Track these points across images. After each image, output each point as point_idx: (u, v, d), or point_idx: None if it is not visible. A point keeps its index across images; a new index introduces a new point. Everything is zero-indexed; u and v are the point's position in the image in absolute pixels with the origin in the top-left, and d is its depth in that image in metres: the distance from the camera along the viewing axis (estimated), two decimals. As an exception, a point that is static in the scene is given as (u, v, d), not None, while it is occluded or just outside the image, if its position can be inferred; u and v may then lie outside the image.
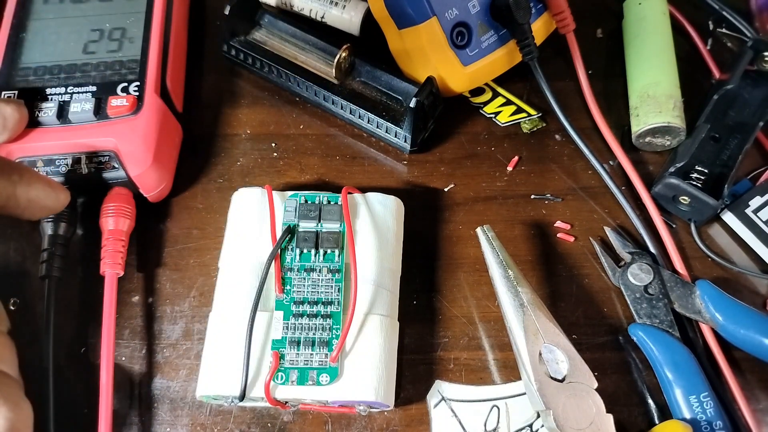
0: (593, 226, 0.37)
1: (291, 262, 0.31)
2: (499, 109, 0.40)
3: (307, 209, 0.31)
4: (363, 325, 0.29)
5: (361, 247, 0.31)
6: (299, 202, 0.32)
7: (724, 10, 0.43)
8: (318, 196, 0.32)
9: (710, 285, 0.33)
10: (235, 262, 0.31)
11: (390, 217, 0.32)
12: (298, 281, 0.30)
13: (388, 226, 0.32)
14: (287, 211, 0.31)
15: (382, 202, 0.33)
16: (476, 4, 0.36)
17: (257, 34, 0.40)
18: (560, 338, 0.30)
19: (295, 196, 0.32)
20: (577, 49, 0.41)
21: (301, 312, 0.29)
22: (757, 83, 0.39)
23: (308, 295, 0.30)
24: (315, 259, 0.31)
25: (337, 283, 0.30)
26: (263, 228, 0.31)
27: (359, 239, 0.31)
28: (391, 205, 0.33)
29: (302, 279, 0.30)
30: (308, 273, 0.30)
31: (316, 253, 0.31)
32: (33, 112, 0.34)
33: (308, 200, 0.32)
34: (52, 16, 0.38)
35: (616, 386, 0.32)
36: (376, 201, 0.33)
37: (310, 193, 0.32)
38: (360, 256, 0.30)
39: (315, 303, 0.30)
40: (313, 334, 0.29)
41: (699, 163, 0.37)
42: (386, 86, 0.38)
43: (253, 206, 0.32)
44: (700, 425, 0.30)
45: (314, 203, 0.32)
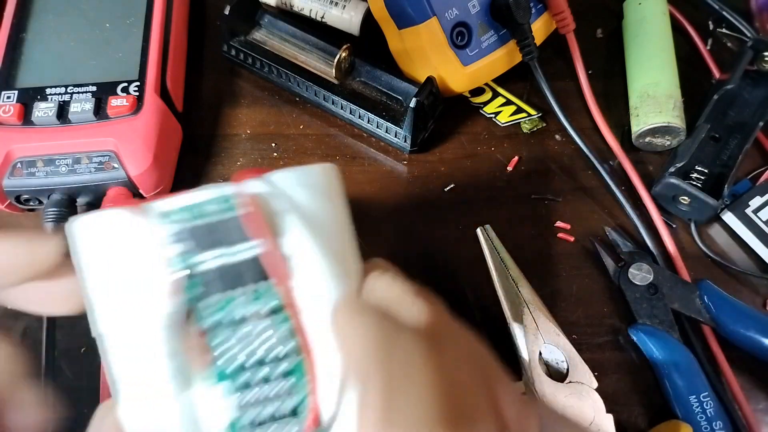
0: (593, 226, 0.37)
1: (206, 317, 0.20)
2: (499, 109, 0.40)
3: (200, 232, 0.20)
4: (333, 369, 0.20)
5: (299, 265, 0.20)
6: (185, 224, 0.20)
7: (724, 10, 0.43)
8: (202, 207, 0.20)
9: (710, 285, 0.33)
10: (126, 323, 0.20)
11: (322, 199, 0.21)
12: (225, 342, 0.20)
13: (327, 214, 0.21)
14: (173, 244, 0.20)
15: (304, 180, 0.21)
16: (476, 4, 0.36)
17: (257, 34, 0.40)
18: (560, 338, 0.30)
19: (170, 217, 0.20)
20: (577, 49, 0.41)
21: (246, 381, 0.20)
22: (757, 83, 0.39)
23: (247, 356, 0.20)
24: (240, 305, 0.20)
25: (280, 326, 0.20)
26: (144, 273, 0.20)
27: (289, 255, 0.20)
28: (318, 181, 0.22)
29: (230, 337, 0.20)
30: (235, 327, 0.20)
31: (233, 296, 0.20)
32: (33, 112, 0.34)
33: (193, 217, 0.20)
34: (52, 16, 0.38)
35: (616, 386, 0.32)
36: (295, 183, 0.21)
37: (186, 203, 0.20)
38: (298, 275, 0.20)
39: (260, 363, 0.20)
40: (271, 405, 0.20)
41: (699, 163, 0.37)
42: (386, 86, 0.38)
43: (116, 242, 0.20)
44: (700, 425, 0.30)
45: (203, 222, 0.20)
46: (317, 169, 0.22)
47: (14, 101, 0.34)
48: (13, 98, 0.34)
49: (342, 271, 0.21)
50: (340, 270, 0.21)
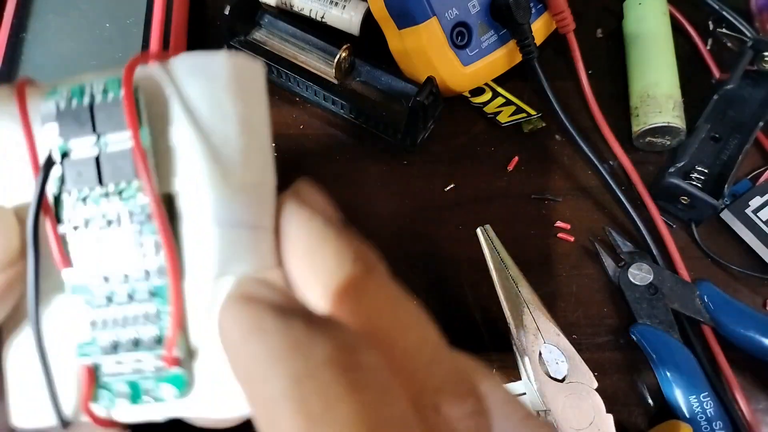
0: (593, 226, 0.37)
1: (73, 213, 0.17)
2: (499, 109, 0.40)
3: (73, 116, 0.17)
4: (212, 297, 0.17)
5: (181, 165, 0.17)
6: (59, 105, 0.17)
7: (724, 10, 0.43)
8: (90, 85, 0.17)
9: (710, 285, 0.33)
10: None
11: (222, 93, 0.18)
12: (90, 245, 0.17)
13: (223, 113, 0.18)
14: (46, 126, 0.18)
15: (201, 69, 0.18)
16: (476, 4, 0.36)
17: (257, 34, 0.40)
18: (560, 338, 0.30)
19: (53, 95, 0.18)
20: (577, 49, 0.41)
21: (108, 294, 0.18)
22: (757, 83, 0.39)
23: (112, 265, 0.17)
24: (107, 203, 0.17)
25: (152, 235, 0.17)
26: (20, 160, 0.18)
27: (174, 150, 0.17)
28: (218, 71, 0.18)
29: (96, 239, 0.17)
30: (102, 228, 0.17)
31: (105, 192, 0.17)
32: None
33: (73, 96, 0.17)
34: (53, 16, 0.38)
35: (616, 386, 0.32)
36: (190, 71, 0.18)
37: (77, 83, 0.18)
38: (180, 180, 0.17)
39: (126, 276, 0.17)
40: (134, 327, 0.18)
41: (699, 163, 0.37)
42: (386, 86, 0.38)
43: (6, 121, 0.18)
44: (700, 425, 0.30)
45: (81, 103, 0.17)
46: (221, 58, 0.18)
47: (14, 101, 0.34)
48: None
49: (232, 183, 0.18)
50: (229, 182, 0.17)
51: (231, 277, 0.17)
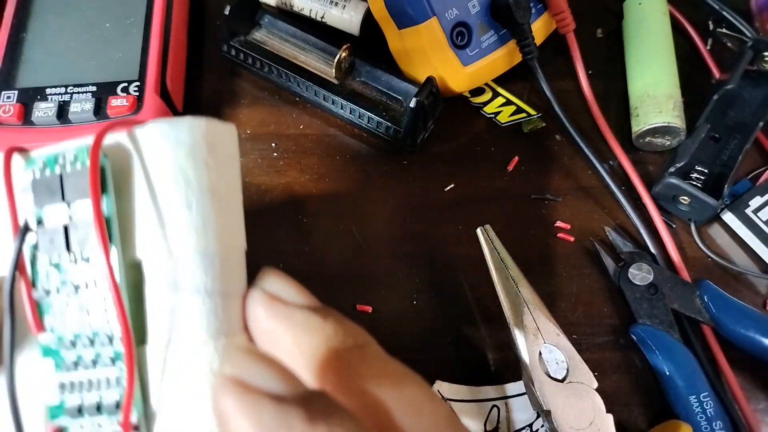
0: (593, 226, 0.37)
1: (47, 278, 0.18)
2: (499, 109, 0.40)
3: (45, 185, 0.18)
4: (170, 364, 0.18)
5: (144, 232, 0.18)
6: (35, 174, 0.18)
7: (724, 10, 0.43)
8: (62, 155, 0.18)
9: (710, 285, 0.33)
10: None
11: (186, 159, 0.18)
12: (61, 309, 0.18)
13: (187, 179, 0.18)
14: (24, 194, 0.19)
15: (167, 136, 0.18)
16: (476, 4, 0.36)
17: (257, 34, 0.40)
18: (560, 338, 0.30)
19: (31, 165, 0.19)
20: (577, 49, 0.41)
21: (75, 359, 0.18)
22: (757, 83, 0.39)
23: (79, 329, 0.18)
24: (75, 269, 0.18)
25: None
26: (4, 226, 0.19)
27: (138, 218, 0.18)
28: (183, 137, 0.18)
29: (65, 304, 0.18)
30: (70, 294, 0.18)
31: (74, 258, 0.18)
32: (33, 112, 0.34)
33: (47, 166, 0.18)
34: (52, 15, 0.38)
35: (616, 386, 0.32)
36: (156, 139, 0.18)
37: (52, 153, 0.19)
38: (144, 248, 0.18)
39: (92, 341, 0.18)
40: (97, 392, 0.18)
41: (699, 163, 0.37)
42: (386, 86, 0.38)
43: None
44: (700, 425, 0.30)
45: (53, 172, 0.18)
46: (185, 123, 0.18)
47: (14, 101, 0.34)
48: (13, 98, 0.34)
49: (192, 251, 0.18)
50: (189, 250, 0.18)
51: (191, 344, 0.17)
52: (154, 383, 0.18)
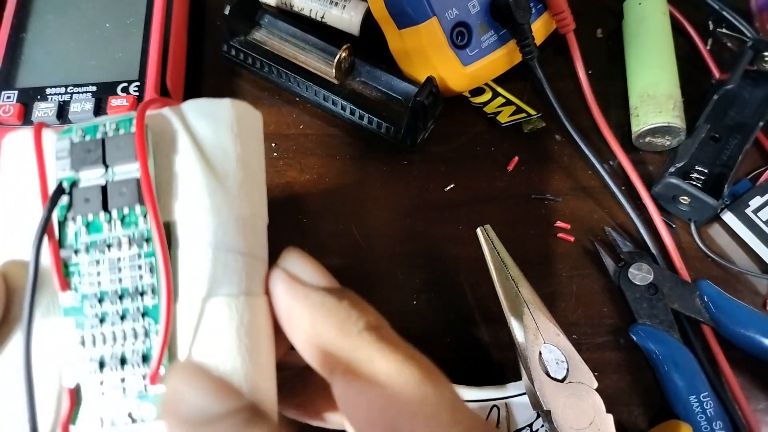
0: (593, 226, 0.37)
1: (75, 239, 0.19)
2: (499, 109, 0.40)
3: (85, 150, 0.19)
4: (201, 317, 0.19)
5: (182, 194, 0.19)
6: (73, 140, 0.20)
7: (724, 10, 0.43)
8: (102, 125, 0.20)
9: (710, 285, 0.33)
10: (7, 231, 0.20)
11: (225, 133, 0.20)
12: (88, 267, 0.19)
13: (225, 150, 0.20)
14: (60, 159, 0.20)
15: (208, 112, 0.20)
16: (476, 4, 0.36)
17: (257, 34, 0.40)
18: (560, 338, 0.30)
19: (68, 133, 0.20)
20: (577, 49, 0.41)
21: (100, 315, 0.19)
22: (757, 83, 0.39)
23: (108, 287, 0.19)
24: (109, 228, 0.19)
25: (148, 258, 0.19)
26: (32, 190, 0.20)
27: (176, 181, 0.19)
28: (223, 114, 0.20)
29: (95, 263, 0.19)
30: (102, 251, 0.19)
31: (108, 217, 0.19)
32: (33, 112, 0.34)
33: (86, 134, 0.20)
34: (52, 16, 0.38)
35: (616, 386, 0.32)
36: (197, 113, 0.20)
37: (91, 123, 0.20)
38: (180, 208, 0.19)
39: (120, 297, 0.19)
40: (122, 345, 0.18)
41: (699, 163, 0.37)
42: (386, 86, 0.38)
43: (25, 158, 0.20)
44: (700, 425, 0.30)
45: (94, 138, 0.20)
46: (224, 103, 0.20)
47: (14, 101, 0.34)
48: (13, 98, 0.34)
49: (229, 212, 0.19)
50: (226, 211, 0.19)
51: (218, 299, 0.19)
52: (182, 338, 0.18)
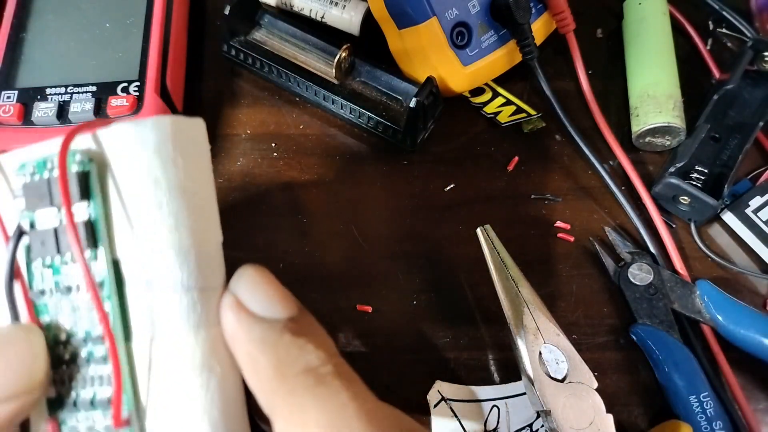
0: (593, 226, 0.37)
1: (41, 279, 0.19)
2: (499, 109, 0.40)
3: (36, 191, 0.19)
4: (157, 357, 0.18)
5: (124, 231, 0.18)
6: (26, 179, 0.19)
7: (724, 10, 0.43)
8: (50, 160, 0.19)
9: (710, 285, 0.33)
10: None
11: (154, 160, 0.18)
12: (54, 308, 0.19)
13: (156, 179, 0.18)
14: (17, 198, 0.19)
15: (131, 136, 0.18)
16: (476, 4, 0.36)
17: (257, 34, 0.40)
18: (560, 338, 0.30)
19: (23, 169, 0.19)
20: (577, 49, 0.41)
21: (70, 356, 0.19)
22: (757, 83, 0.39)
23: (72, 328, 0.19)
24: (65, 271, 0.19)
25: (107, 300, 0.18)
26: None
27: (121, 216, 0.18)
28: (148, 136, 0.18)
29: (59, 304, 0.19)
30: (64, 294, 0.19)
31: (63, 260, 0.19)
32: (33, 112, 0.34)
33: (38, 171, 0.19)
34: (52, 16, 0.38)
35: (616, 386, 0.32)
36: (120, 140, 0.18)
37: (41, 157, 0.19)
38: (123, 246, 0.18)
39: (84, 340, 0.18)
40: (92, 388, 0.18)
41: (699, 163, 0.37)
42: (386, 86, 0.38)
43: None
44: (700, 425, 0.30)
45: (42, 176, 0.19)
46: (149, 123, 0.18)
47: (14, 101, 0.34)
48: (13, 98, 0.34)
49: (163, 247, 0.18)
50: (161, 246, 0.18)
51: (172, 339, 0.18)
52: (142, 378, 0.18)
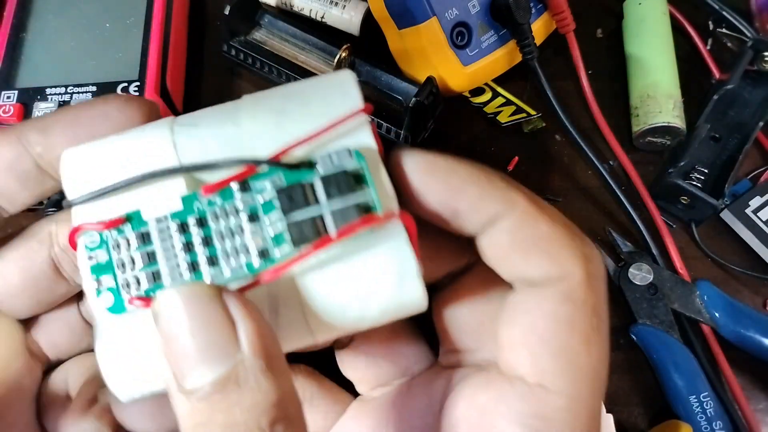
0: (593, 226, 0.37)
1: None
2: (499, 109, 0.40)
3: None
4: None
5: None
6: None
7: (724, 10, 0.43)
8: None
9: (710, 285, 0.33)
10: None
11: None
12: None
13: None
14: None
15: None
16: (476, 4, 0.36)
17: (257, 34, 0.40)
18: (560, 338, 0.30)
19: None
20: (577, 49, 0.40)
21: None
22: (757, 83, 0.39)
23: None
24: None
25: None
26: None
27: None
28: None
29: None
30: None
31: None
32: (33, 112, 0.34)
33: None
34: (52, 16, 0.38)
35: (616, 386, 0.32)
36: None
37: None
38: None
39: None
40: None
41: (699, 163, 0.37)
42: (386, 86, 0.38)
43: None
44: (700, 425, 0.30)
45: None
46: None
47: (14, 101, 0.34)
48: (13, 98, 0.34)
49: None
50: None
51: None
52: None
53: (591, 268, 0.17)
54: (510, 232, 0.17)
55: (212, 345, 0.14)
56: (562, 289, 0.17)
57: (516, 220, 0.17)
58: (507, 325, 0.17)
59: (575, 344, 0.16)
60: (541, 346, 0.16)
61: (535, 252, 0.17)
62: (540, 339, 0.16)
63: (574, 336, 0.16)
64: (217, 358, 0.14)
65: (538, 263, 0.17)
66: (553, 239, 0.17)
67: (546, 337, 0.16)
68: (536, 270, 0.17)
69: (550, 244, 0.17)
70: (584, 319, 0.16)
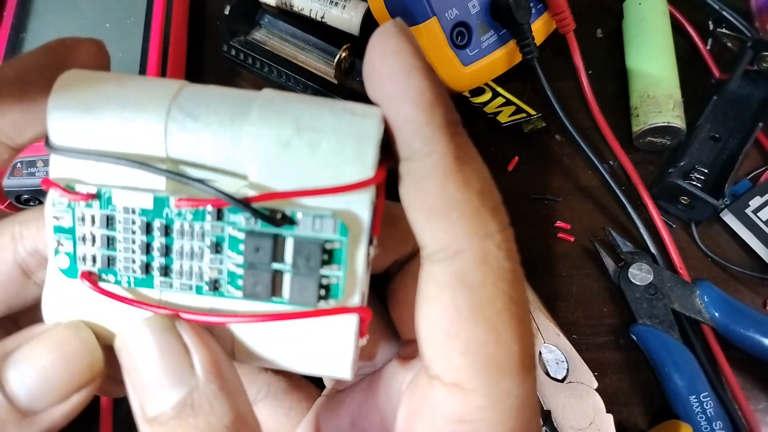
0: (593, 226, 0.37)
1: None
2: (499, 109, 0.40)
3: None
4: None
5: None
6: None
7: (724, 10, 0.43)
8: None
9: (710, 285, 0.33)
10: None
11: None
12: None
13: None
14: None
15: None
16: (476, 4, 0.36)
17: (257, 34, 0.40)
18: (560, 338, 0.30)
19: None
20: (577, 49, 0.41)
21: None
22: (757, 83, 0.39)
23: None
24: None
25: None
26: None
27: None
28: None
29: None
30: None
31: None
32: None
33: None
34: (52, 16, 0.38)
35: (616, 386, 0.32)
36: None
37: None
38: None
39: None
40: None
41: (699, 163, 0.37)
42: (386, 86, 0.38)
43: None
44: (700, 425, 0.30)
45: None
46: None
47: (14, 101, 0.34)
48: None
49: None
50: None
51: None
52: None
53: (488, 247, 0.14)
54: (417, 179, 0.14)
55: (169, 373, 0.15)
56: (453, 270, 0.14)
57: (428, 166, 0.14)
58: (418, 317, 0.15)
59: (480, 334, 0.14)
60: (448, 341, 0.14)
61: (434, 216, 0.14)
62: (445, 333, 0.14)
63: (478, 325, 0.14)
64: (173, 385, 0.15)
65: (430, 230, 0.14)
66: (455, 204, 0.14)
67: (450, 331, 0.14)
68: (428, 237, 0.14)
69: (450, 210, 0.14)
70: (485, 303, 0.14)
